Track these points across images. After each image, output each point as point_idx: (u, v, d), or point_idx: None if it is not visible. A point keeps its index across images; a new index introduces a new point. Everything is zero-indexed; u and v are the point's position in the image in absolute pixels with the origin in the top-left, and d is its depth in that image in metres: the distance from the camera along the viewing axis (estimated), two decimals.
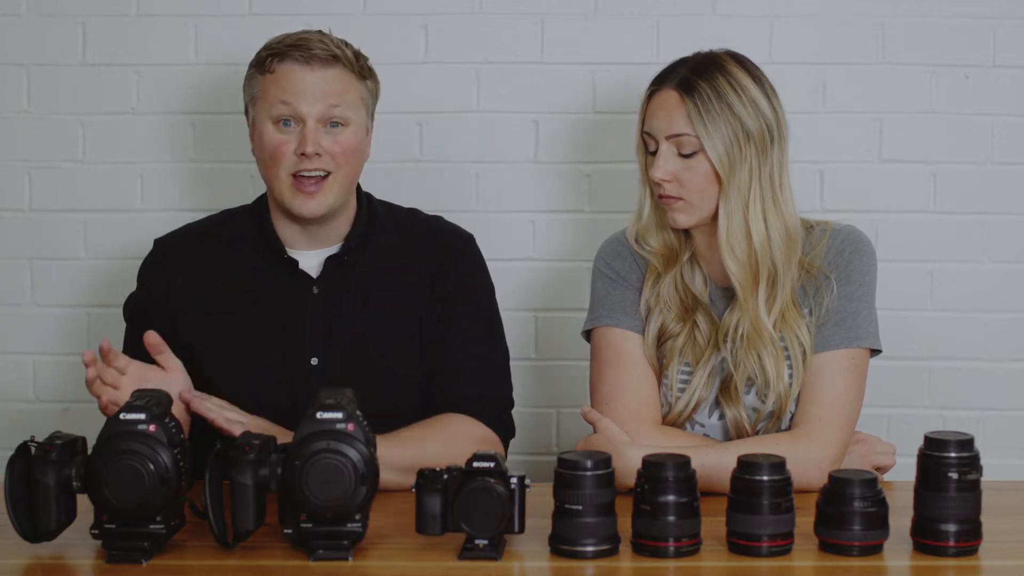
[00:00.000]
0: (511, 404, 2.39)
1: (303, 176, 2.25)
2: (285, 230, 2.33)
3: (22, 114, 2.87)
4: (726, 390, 2.24)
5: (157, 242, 2.43)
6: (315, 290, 2.31)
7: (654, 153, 2.22)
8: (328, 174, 2.26)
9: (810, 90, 2.83)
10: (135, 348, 2.24)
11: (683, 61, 2.26)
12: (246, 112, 2.36)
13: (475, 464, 1.77)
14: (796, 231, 2.24)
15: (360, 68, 2.31)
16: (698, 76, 2.20)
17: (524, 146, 2.87)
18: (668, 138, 2.20)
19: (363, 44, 2.38)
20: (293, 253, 2.33)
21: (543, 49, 2.85)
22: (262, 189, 2.79)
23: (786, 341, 2.22)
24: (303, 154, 2.24)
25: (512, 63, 2.85)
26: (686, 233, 2.30)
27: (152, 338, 2.17)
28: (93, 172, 2.87)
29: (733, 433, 2.24)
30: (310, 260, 2.33)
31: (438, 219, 2.46)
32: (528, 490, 1.79)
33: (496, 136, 2.87)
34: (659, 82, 2.25)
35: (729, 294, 2.28)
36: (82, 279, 2.89)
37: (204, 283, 2.33)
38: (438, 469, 1.79)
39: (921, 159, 2.86)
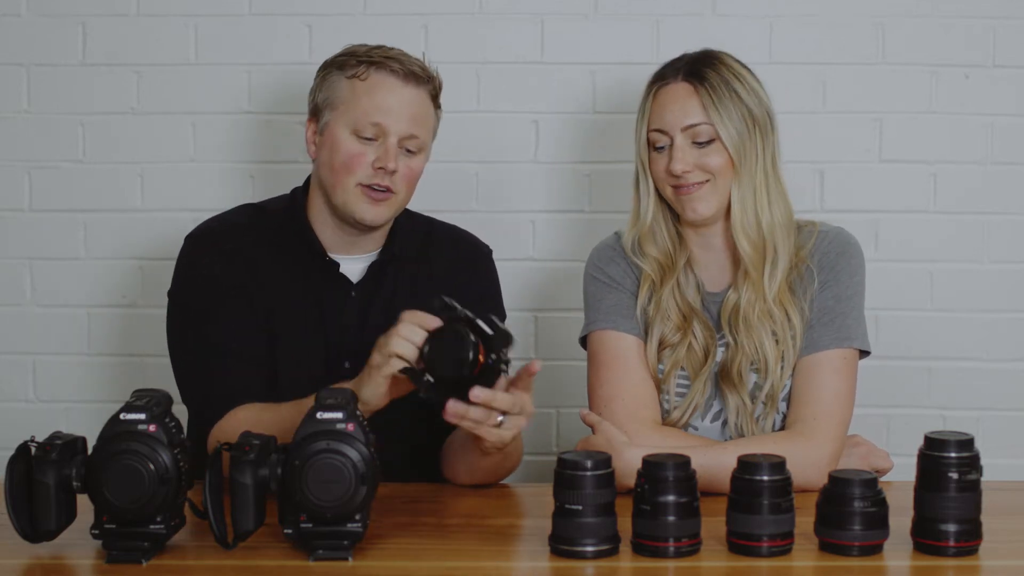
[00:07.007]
0: None
1: (371, 186, 2.25)
2: (326, 234, 2.32)
3: (22, 114, 2.87)
4: (727, 376, 2.24)
5: (193, 236, 2.35)
6: (352, 294, 2.32)
7: (661, 150, 2.23)
8: (392, 193, 2.27)
9: (810, 90, 2.83)
10: (202, 340, 2.23)
11: (679, 58, 2.28)
12: (315, 113, 2.30)
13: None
14: (792, 215, 2.28)
15: (438, 97, 2.32)
16: (703, 67, 2.24)
17: (524, 146, 2.87)
18: (684, 129, 2.22)
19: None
20: (333, 257, 2.33)
21: (543, 49, 2.85)
22: (261, 189, 2.80)
23: (779, 324, 2.23)
24: (381, 168, 2.24)
25: (512, 63, 2.85)
26: (680, 238, 2.31)
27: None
28: (93, 172, 2.87)
29: (733, 420, 2.24)
30: (348, 265, 2.34)
31: (456, 228, 2.48)
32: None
33: (496, 136, 2.87)
34: (662, 77, 2.26)
35: (719, 299, 2.29)
36: (82, 279, 2.88)
37: (248, 275, 2.30)
38: None
39: (921, 159, 2.86)
